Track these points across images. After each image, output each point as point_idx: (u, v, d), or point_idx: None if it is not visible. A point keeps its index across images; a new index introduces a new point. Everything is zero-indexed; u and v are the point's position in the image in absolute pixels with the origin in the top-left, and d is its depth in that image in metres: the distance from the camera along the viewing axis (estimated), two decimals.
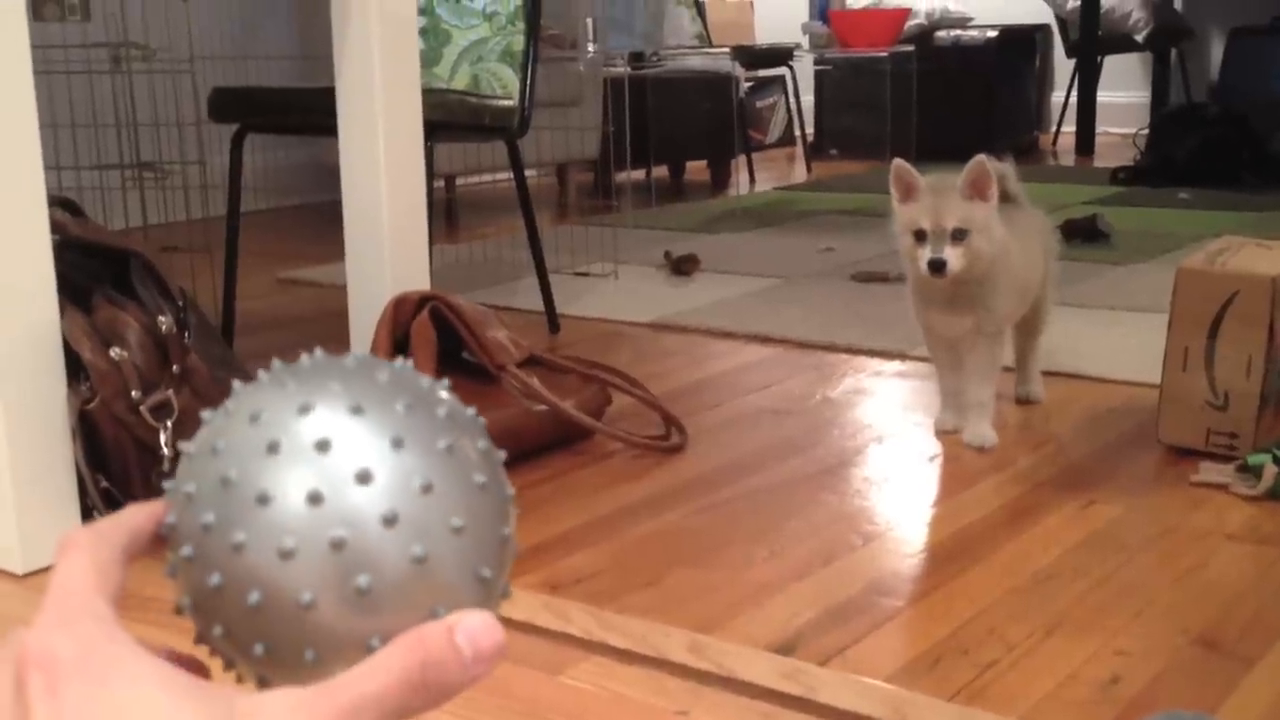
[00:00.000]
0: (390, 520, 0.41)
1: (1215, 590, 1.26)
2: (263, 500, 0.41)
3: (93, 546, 0.43)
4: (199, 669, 0.43)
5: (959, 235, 1.61)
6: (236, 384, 0.46)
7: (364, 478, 0.42)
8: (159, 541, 0.45)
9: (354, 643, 0.41)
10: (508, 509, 0.46)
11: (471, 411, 0.47)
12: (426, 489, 0.42)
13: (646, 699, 1.08)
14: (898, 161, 1.65)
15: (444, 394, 0.46)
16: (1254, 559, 1.33)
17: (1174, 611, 1.22)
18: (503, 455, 0.47)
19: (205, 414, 0.46)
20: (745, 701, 1.07)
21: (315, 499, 0.41)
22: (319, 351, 0.48)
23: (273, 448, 0.42)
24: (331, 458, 0.42)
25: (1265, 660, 1.12)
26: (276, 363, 0.47)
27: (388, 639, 0.41)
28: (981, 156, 1.62)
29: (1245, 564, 1.32)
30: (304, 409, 0.43)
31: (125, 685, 0.38)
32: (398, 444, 0.43)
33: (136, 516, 0.44)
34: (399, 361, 0.48)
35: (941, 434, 1.77)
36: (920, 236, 1.62)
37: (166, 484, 0.45)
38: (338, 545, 0.41)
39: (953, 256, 1.60)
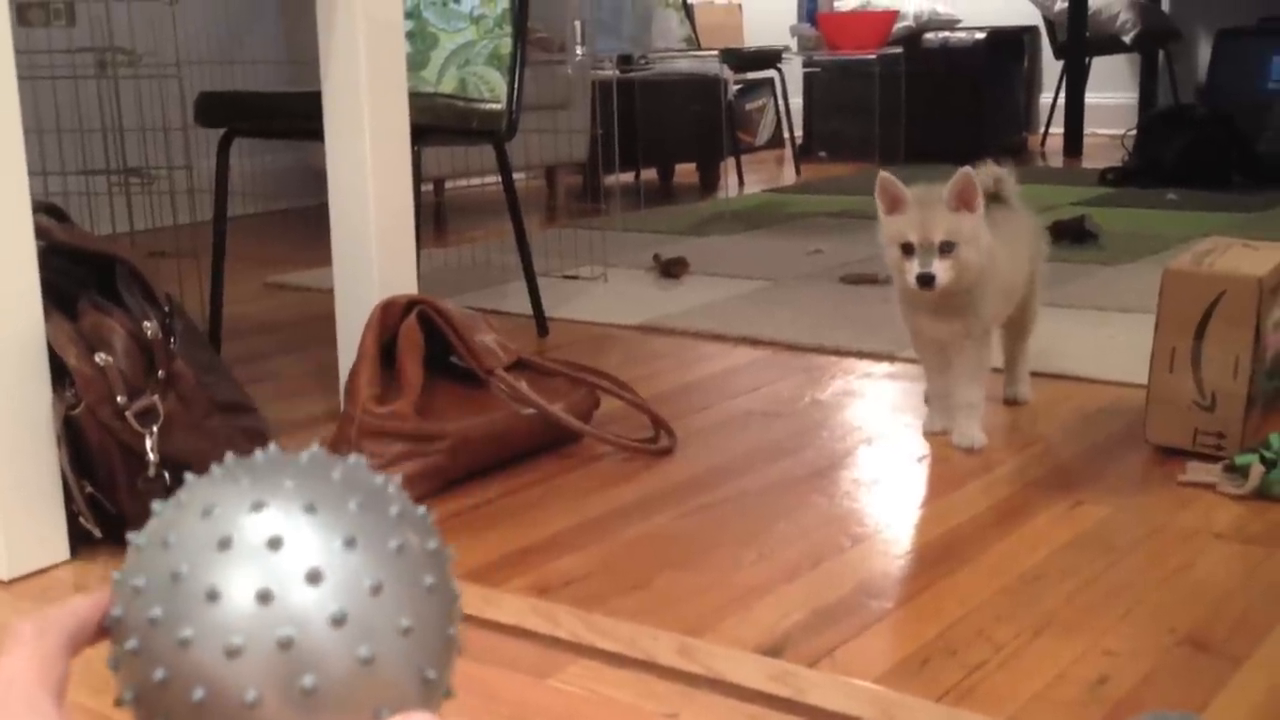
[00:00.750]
0: (339, 620, 0.41)
1: (1203, 590, 1.26)
2: (212, 596, 0.41)
3: (36, 639, 0.42)
4: None
5: (946, 248, 1.60)
6: (189, 476, 0.46)
7: (314, 577, 0.41)
8: (104, 632, 0.44)
9: None
10: (455, 609, 0.45)
11: (422, 510, 0.47)
12: (376, 590, 0.42)
13: (635, 702, 1.08)
14: (883, 174, 1.65)
15: (395, 491, 0.46)
16: (1241, 558, 1.33)
17: (1162, 611, 1.22)
18: (452, 553, 0.47)
19: (156, 505, 0.45)
20: (734, 704, 1.07)
21: (264, 597, 0.41)
22: (273, 447, 0.48)
23: (224, 544, 0.42)
24: (282, 556, 0.41)
25: (1253, 659, 1.12)
26: (229, 456, 0.46)
27: None
28: (967, 168, 1.61)
29: (1233, 563, 1.32)
30: (257, 505, 0.43)
31: None
32: (349, 543, 0.42)
33: (83, 607, 0.44)
34: (352, 458, 0.47)
35: (930, 435, 1.77)
36: (908, 249, 1.62)
37: (114, 574, 0.44)
38: (285, 644, 0.40)
39: (941, 270, 1.60)
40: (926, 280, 1.61)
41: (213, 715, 0.41)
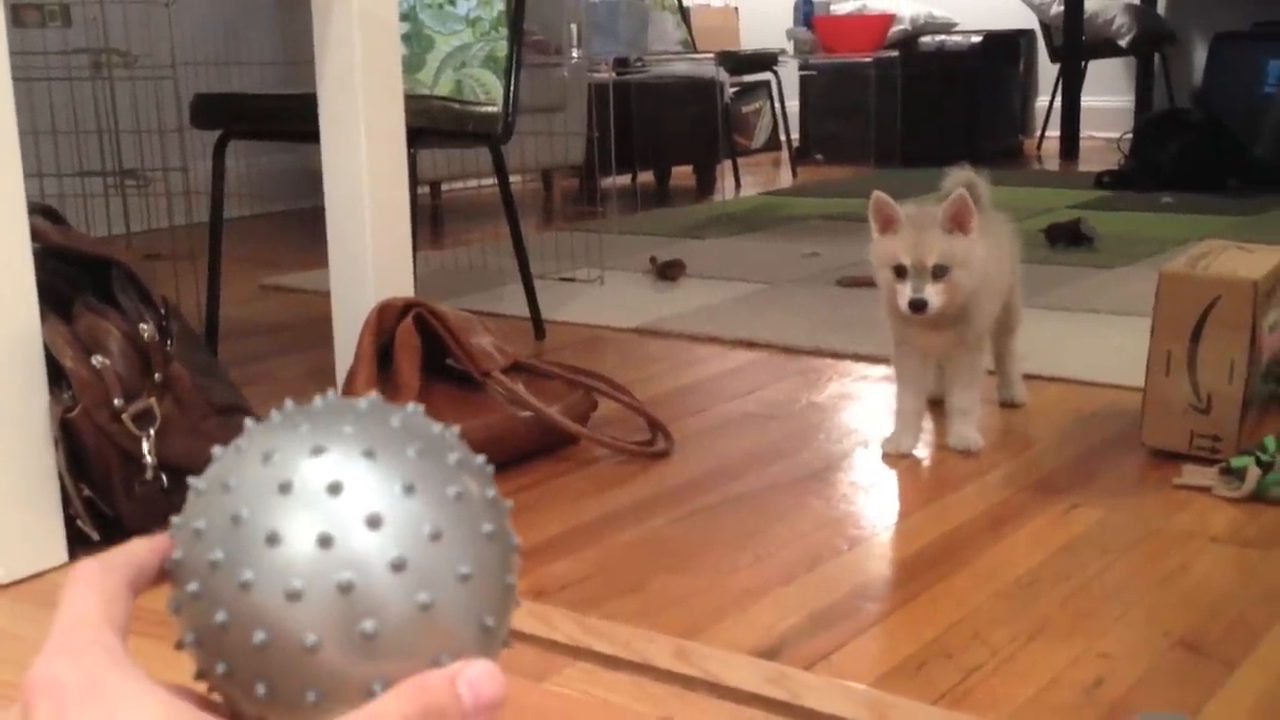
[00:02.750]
0: (399, 566, 0.41)
1: (1198, 593, 1.26)
2: (272, 540, 0.41)
3: (100, 579, 0.43)
4: (207, 705, 0.42)
5: (940, 271, 1.58)
6: (249, 422, 0.46)
7: (374, 522, 0.41)
8: (164, 576, 0.44)
9: (356, 686, 0.41)
10: (512, 558, 0.46)
11: (480, 459, 0.47)
12: (435, 536, 0.42)
13: (631, 705, 1.08)
14: (877, 194, 1.62)
15: (453, 439, 0.46)
16: (1237, 561, 1.34)
17: (1157, 614, 1.22)
18: (509, 504, 0.47)
19: (216, 450, 0.45)
20: (730, 706, 1.07)
21: (325, 541, 0.41)
22: (331, 394, 0.48)
23: (284, 488, 0.42)
24: (342, 501, 0.42)
25: (1248, 662, 1.12)
26: (289, 403, 0.47)
27: (390, 684, 0.41)
28: (962, 191, 1.59)
29: (1228, 567, 1.32)
30: (317, 450, 0.43)
31: (131, 715, 0.38)
32: (409, 489, 0.43)
33: (142, 550, 0.45)
34: (409, 406, 0.47)
35: (890, 458, 1.69)
36: (900, 271, 1.60)
37: (174, 519, 0.45)
38: (345, 588, 0.41)
39: (933, 294, 1.58)
40: (919, 306, 1.58)
41: (273, 658, 0.41)
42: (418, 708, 0.40)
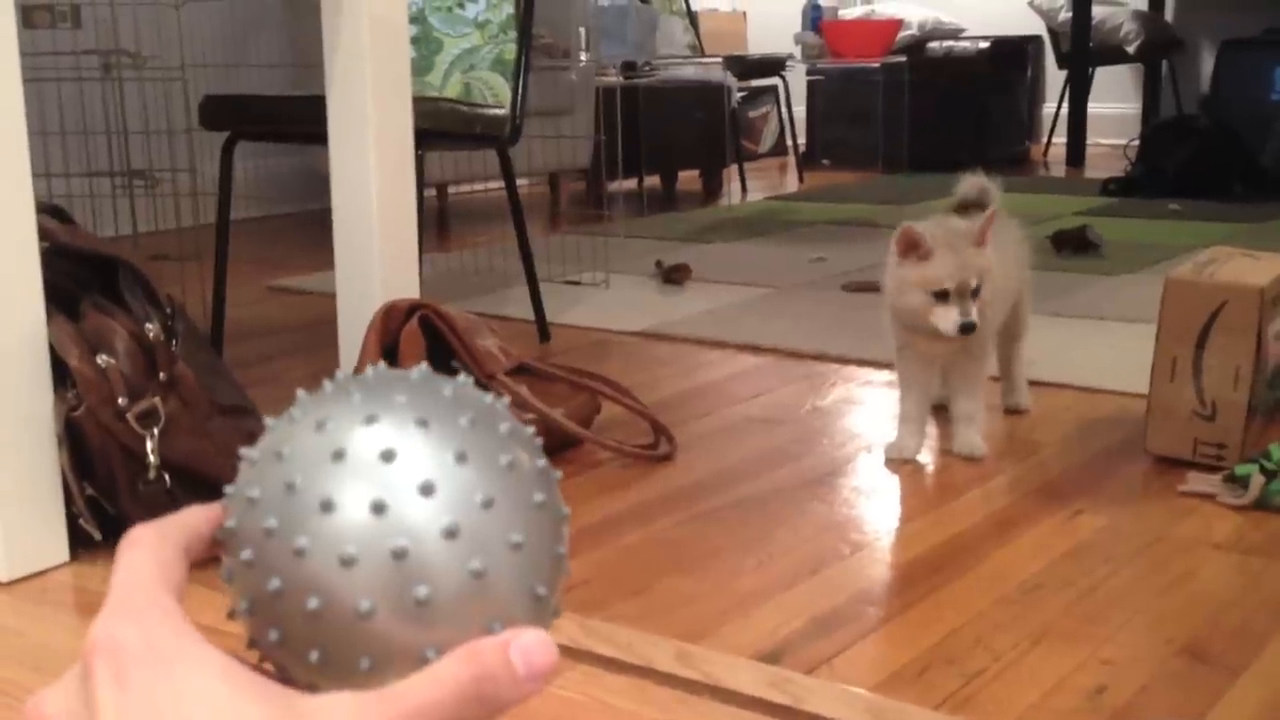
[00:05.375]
0: (451, 533, 0.42)
1: (1202, 600, 1.26)
2: (326, 507, 0.42)
3: (156, 543, 0.43)
4: (260, 673, 0.43)
5: (976, 291, 1.59)
6: (301, 392, 0.47)
7: (427, 490, 0.42)
8: (216, 545, 0.45)
9: (409, 653, 0.41)
10: (562, 528, 0.46)
11: (530, 430, 0.47)
12: (488, 504, 0.43)
13: (634, 708, 1.08)
14: (906, 226, 1.59)
15: (504, 410, 0.47)
16: (1240, 569, 1.33)
17: (1161, 621, 1.22)
18: (559, 475, 0.47)
19: (269, 420, 0.46)
20: (732, 710, 1.07)
21: (379, 509, 0.41)
22: (383, 365, 0.48)
23: (338, 456, 0.42)
24: (395, 469, 0.42)
25: (1251, 670, 1.12)
26: (341, 373, 0.47)
27: (443, 651, 0.41)
28: (996, 208, 1.60)
29: (1232, 574, 1.32)
30: (370, 419, 0.43)
31: (190, 675, 0.38)
32: (461, 458, 0.43)
33: (196, 517, 0.45)
34: (460, 378, 0.48)
35: (893, 463, 1.69)
36: (942, 295, 1.59)
37: (227, 488, 0.45)
38: (399, 555, 0.41)
39: (975, 314, 1.58)
40: (970, 329, 1.58)
41: (327, 625, 0.41)
42: (471, 674, 0.40)
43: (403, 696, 0.40)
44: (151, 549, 0.43)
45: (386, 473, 0.42)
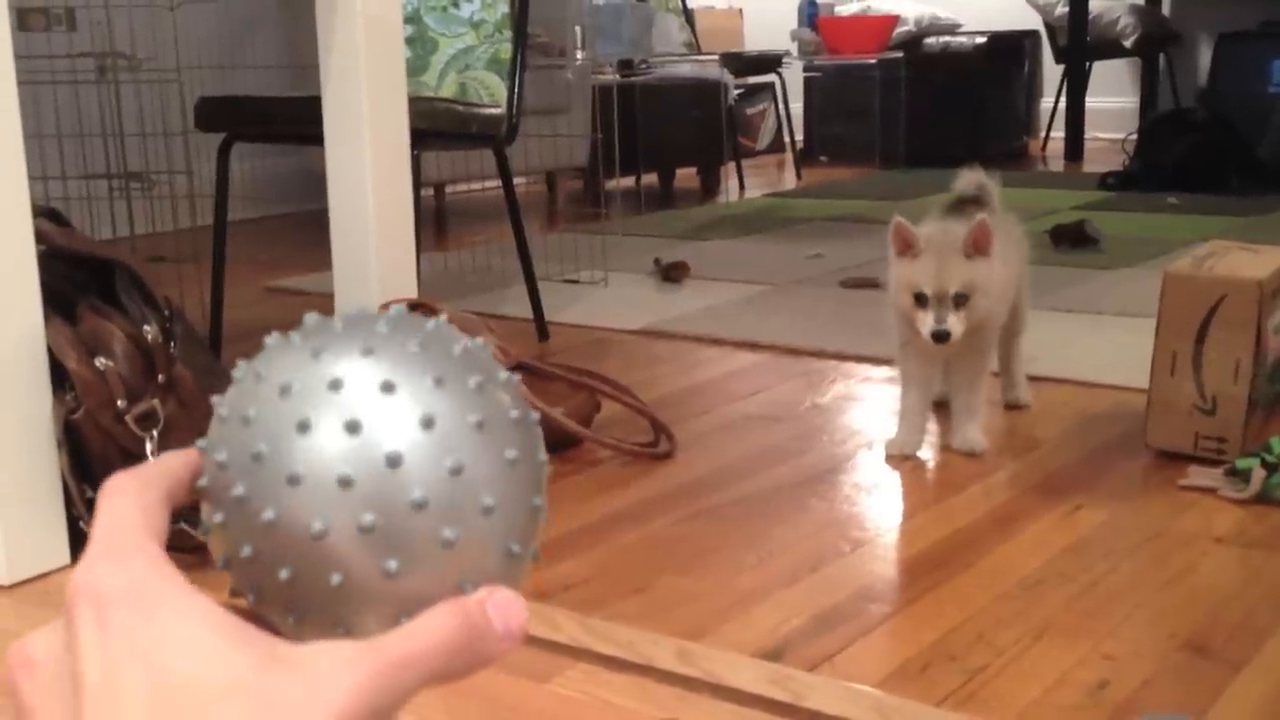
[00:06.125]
0: (420, 505, 0.42)
1: (1203, 594, 1.26)
2: (293, 481, 0.42)
3: (138, 490, 0.43)
4: (249, 617, 0.43)
5: (960, 300, 1.57)
6: (269, 340, 0.46)
7: (394, 462, 0.42)
8: (196, 493, 0.45)
9: (383, 617, 0.42)
10: (539, 478, 0.46)
11: (504, 375, 0.46)
12: (456, 471, 0.42)
13: (634, 706, 1.08)
14: (897, 219, 1.60)
15: (477, 358, 0.46)
16: (1242, 563, 1.33)
17: (1162, 616, 1.22)
18: (536, 417, 0.46)
19: (237, 372, 0.45)
20: (733, 708, 1.07)
21: (345, 483, 0.41)
22: (359, 308, 0.47)
23: (303, 427, 0.42)
24: (361, 440, 0.42)
25: (1253, 664, 1.12)
26: (310, 318, 0.46)
27: (413, 615, 0.42)
28: (984, 217, 1.58)
29: (1233, 568, 1.32)
30: (335, 385, 0.43)
31: (173, 619, 0.38)
32: (427, 424, 0.42)
33: (177, 465, 0.45)
34: (431, 323, 0.46)
35: (894, 459, 1.69)
36: (921, 299, 1.58)
37: (199, 442, 0.45)
38: (367, 530, 0.41)
39: (955, 323, 1.57)
40: (941, 337, 1.56)
41: (299, 591, 0.42)
42: (459, 624, 0.41)
43: (391, 646, 0.40)
44: (134, 495, 0.42)
45: (353, 443, 0.42)
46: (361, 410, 0.42)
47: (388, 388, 0.43)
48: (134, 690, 0.37)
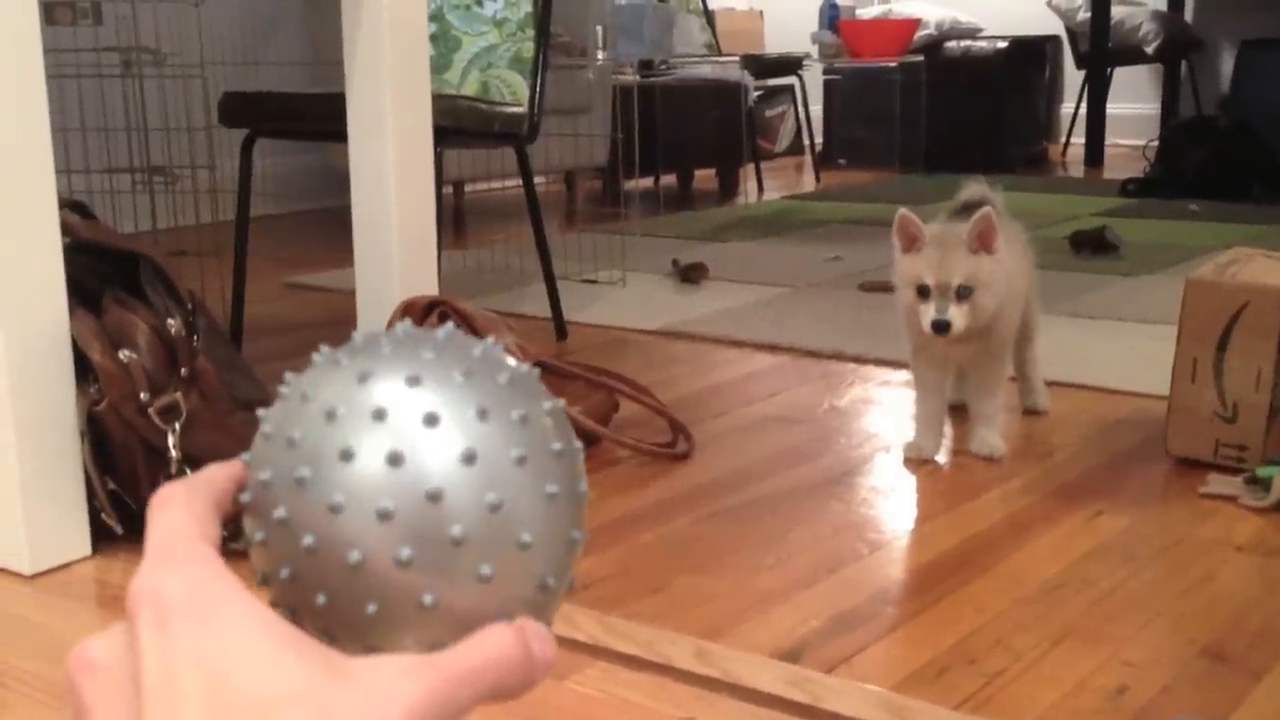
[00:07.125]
0: (458, 541, 0.42)
1: (1223, 602, 1.26)
2: (335, 510, 0.42)
3: (188, 499, 0.44)
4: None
5: (964, 292, 1.57)
6: (317, 354, 0.46)
7: (435, 496, 0.42)
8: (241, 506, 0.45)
9: (416, 643, 0.42)
10: (579, 511, 0.46)
11: (549, 404, 0.46)
12: (495, 508, 0.42)
13: (652, 705, 1.08)
14: (902, 212, 1.60)
15: (521, 387, 0.45)
16: (1262, 571, 1.33)
17: (1182, 623, 1.21)
18: (580, 447, 0.46)
19: (284, 386, 0.46)
20: (750, 708, 1.07)
21: (385, 515, 0.42)
22: (406, 325, 0.47)
23: (345, 455, 0.42)
24: (404, 471, 0.42)
25: (1273, 672, 1.11)
26: (358, 337, 0.46)
27: (449, 642, 0.42)
28: (988, 210, 1.57)
29: (1253, 576, 1.32)
30: (379, 415, 0.43)
31: (233, 628, 0.39)
32: (468, 460, 0.42)
33: (224, 477, 0.45)
34: (477, 350, 0.46)
35: (911, 463, 1.69)
36: (923, 291, 1.58)
37: (244, 456, 0.45)
38: (404, 564, 0.42)
39: (957, 316, 1.56)
40: (941, 327, 1.56)
41: (336, 619, 0.42)
42: (512, 644, 0.42)
43: (449, 661, 0.40)
44: (184, 504, 0.43)
45: (395, 476, 0.42)
46: (405, 443, 0.42)
47: (431, 420, 0.43)
48: (193, 695, 0.37)
